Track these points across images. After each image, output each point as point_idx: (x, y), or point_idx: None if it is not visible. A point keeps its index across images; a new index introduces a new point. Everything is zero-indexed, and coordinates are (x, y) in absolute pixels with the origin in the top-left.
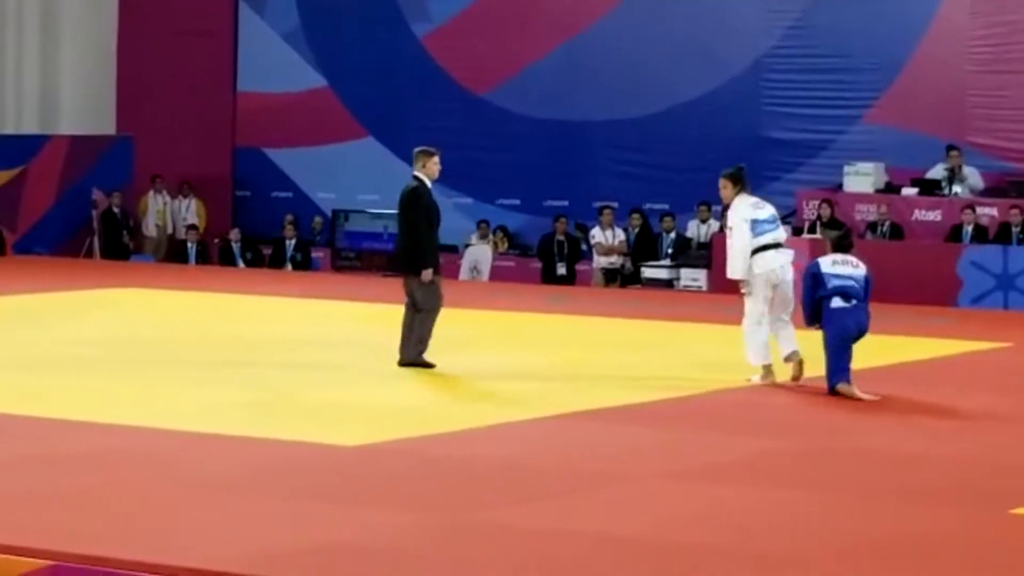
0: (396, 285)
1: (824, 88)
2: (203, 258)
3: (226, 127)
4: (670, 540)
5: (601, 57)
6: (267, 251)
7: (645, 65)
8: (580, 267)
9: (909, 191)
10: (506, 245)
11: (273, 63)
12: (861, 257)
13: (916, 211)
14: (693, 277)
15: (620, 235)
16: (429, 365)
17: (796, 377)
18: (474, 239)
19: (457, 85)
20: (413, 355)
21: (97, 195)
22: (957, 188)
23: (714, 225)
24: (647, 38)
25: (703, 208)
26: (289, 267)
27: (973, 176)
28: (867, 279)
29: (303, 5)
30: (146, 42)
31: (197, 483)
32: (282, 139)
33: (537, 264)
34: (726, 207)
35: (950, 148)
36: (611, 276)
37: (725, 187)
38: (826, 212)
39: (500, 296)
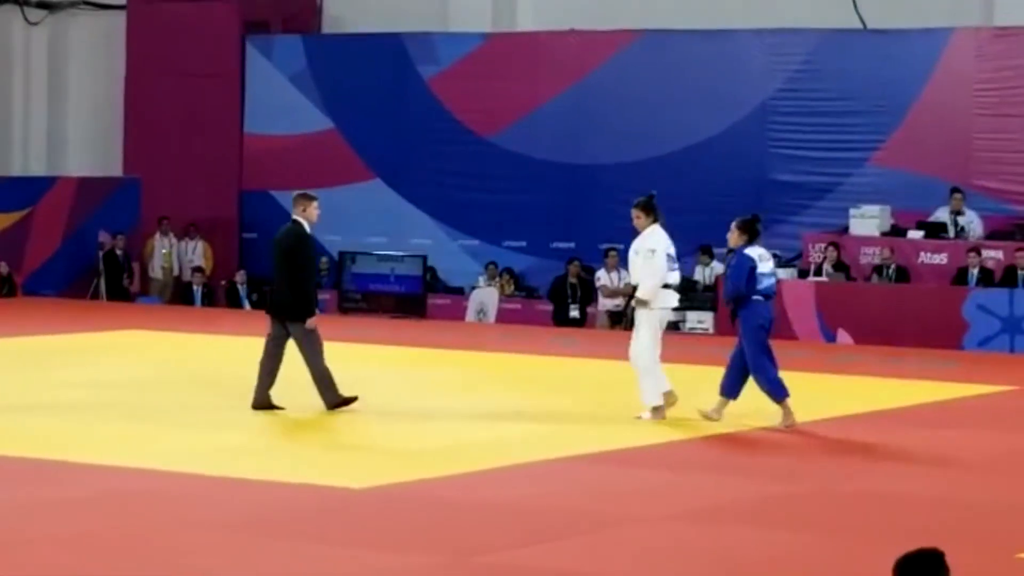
0: (404, 326)
1: (830, 131)
2: (209, 300)
3: (233, 169)
4: None
5: (607, 100)
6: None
7: (651, 108)
8: (591, 310)
9: (915, 234)
10: (512, 287)
11: (280, 105)
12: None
13: (922, 254)
14: (699, 319)
15: (626, 277)
16: (352, 399)
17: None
18: (481, 281)
19: (464, 127)
20: (332, 398)
21: (104, 237)
22: (963, 224)
23: (718, 268)
24: (653, 81)
25: (703, 254)
26: None
27: (972, 224)
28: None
29: (310, 47)
30: (153, 84)
31: (202, 525)
32: (289, 181)
33: (543, 306)
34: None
35: (953, 191)
36: (616, 318)
37: (639, 216)
38: (832, 255)
39: (508, 338)
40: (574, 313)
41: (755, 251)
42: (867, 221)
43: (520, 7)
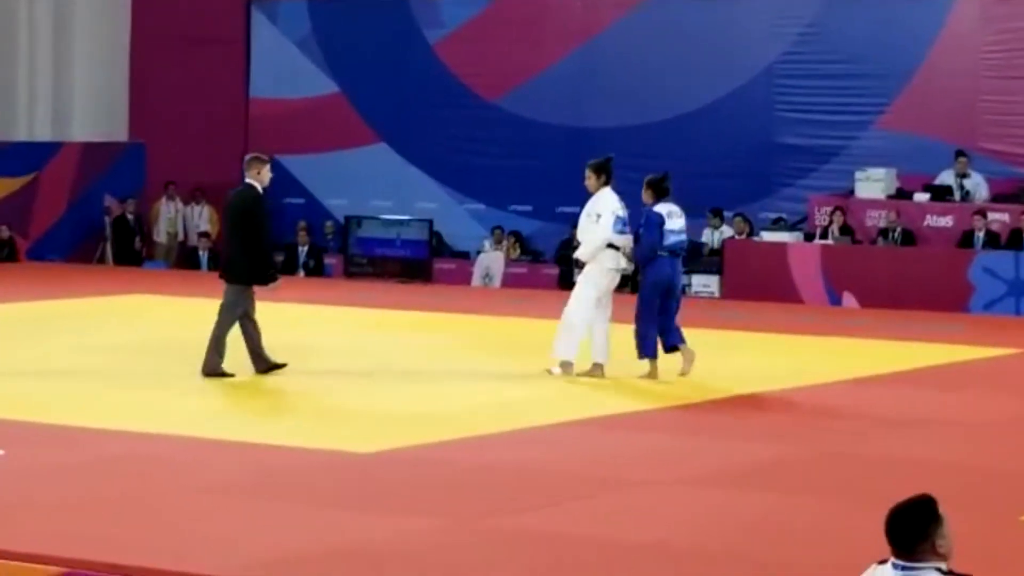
0: (410, 291)
1: (836, 94)
2: (215, 264)
3: (238, 134)
4: (683, 545)
5: (613, 63)
6: (279, 258)
7: (657, 71)
8: None
9: (921, 197)
10: (519, 251)
11: (285, 69)
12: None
13: (928, 217)
14: (705, 283)
15: (631, 241)
16: (229, 374)
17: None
18: (487, 246)
19: (469, 91)
20: (213, 367)
21: (110, 202)
22: (969, 187)
23: (727, 231)
24: (659, 44)
25: (714, 217)
26: (301, 273)
27: (978, 186)
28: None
29: (315, 12)
30: (159, 49)
31: (211, 489)
32: (295, 145)
33: (549, 270)
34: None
35: (958, 154)
36: (622, 282)
37: (590, 177)
38: (838, 218)
39: (514, 302)
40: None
41: (664, 208)
42: (873, 184)
43: None
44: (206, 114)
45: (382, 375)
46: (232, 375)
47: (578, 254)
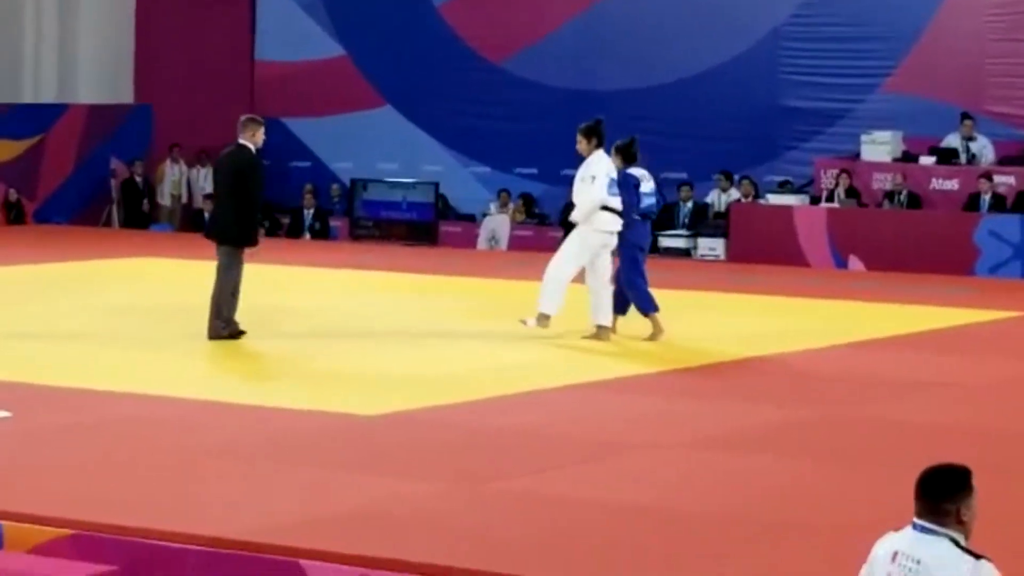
0: (416, 254)
1: (842, 57)
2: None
3: (244, 96)
4: (685, 508)
5: (619, 26)
6: (285, 220)
7: (663, 34)
8: None
9: (927, 160)
10: (524, 214)
11: (291, 32)
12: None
13: (934, 180)
14: (711, 246)
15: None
16: (240, 333)
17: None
18: (493, 208)
19: (475, 54)
20: (217, 331)
21: (116, 164)
22: (975, 149)
23: (734, 194)
24: (665, 7)
25: (722, 177)
26: (307, 236)
27: (984, 149)
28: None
29: None
30: (164, 10)
31: (216, 452)
32: (300, 108)
33: (555, 233)
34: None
35: (964, 116)
36: None
37: (581, 141)
38: (844, 181)
39: (519, 265)
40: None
41: (636, 172)
42: (879, 147)
43: None
44: (212, 76)
45: (386, 338)
46: (243, 332)
47: (573, 216)
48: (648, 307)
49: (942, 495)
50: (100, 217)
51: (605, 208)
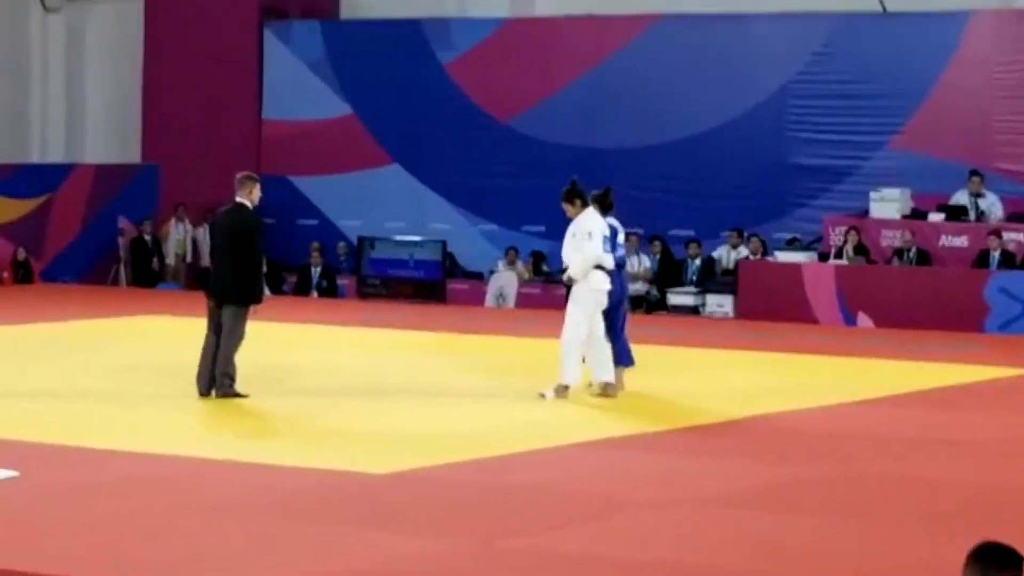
0: (424, 311)
1: (849, 114)
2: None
3: (251, 155)
4: (695, 565)
5: (625, 84)
6: (292, 278)
7: (670, 92)
8: None
9: (935, 217)
10: (531, 273)
11: (298, 91)
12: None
13: (943, 237)
14: (719, 303)
15: (645, 262)
16: (242, 395)
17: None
18: (500, 266)
19: (482, 112)
20: (226, 390)
21: (124, 223)
22: (984, 206)
23: (743, 251)
24: (671, 65)
25: (733, 234)
26: (315, 294)
27: (993, 206)
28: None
29: (328, 33)
30: (171, 71)
31: (221, 510)
32: (307, 167)
33: (562, 290)
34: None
35: (972, 173)
36: (636, 303)
37: (566, 207)
38: (853, 238)
39: (527, 323)
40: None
41: (612, 222)
42: (887, 204)
43: None
44: (219, 135)
45: (394, 396)
46: (245, 395)
47: (570, 272)
48: (622, 361)
49: (1003, 564)
50: (108, 276)
51: (597, 267)
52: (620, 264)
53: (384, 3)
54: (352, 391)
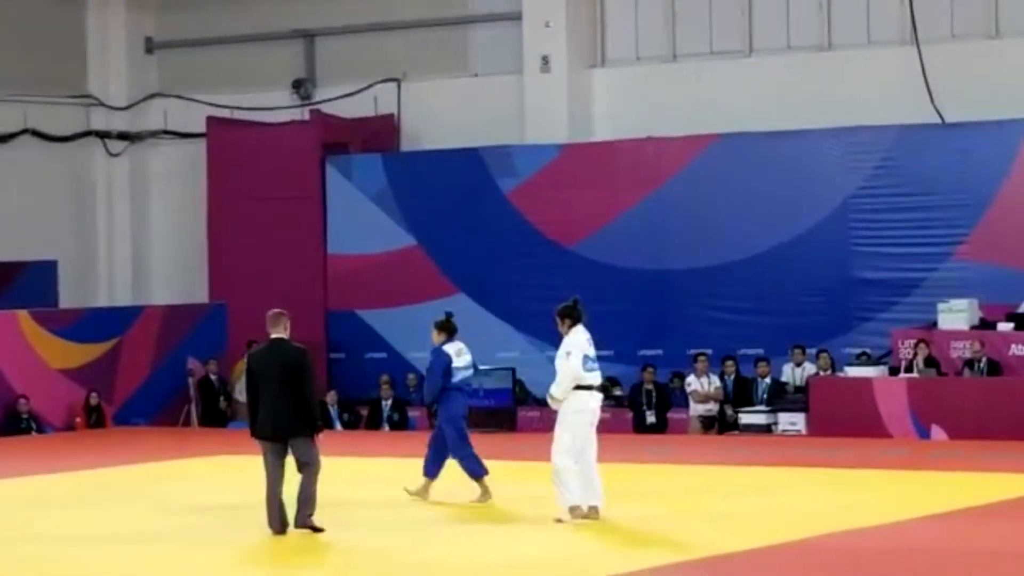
0: (495, 440)
1: (912, 226)
2: None
3: (318, 290)
4: None
5: (688, 205)
6: (364, 412)
7: (732, 211)
8: (671, 415)
9: (1004, 326)
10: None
11: (362, 224)
12: None
13: (1012, 346)
14: (791, 421)
15: (716, 382)
16: (320, 529)
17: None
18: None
19: (545, 238)
20: (307, 519)
21: (192, 363)
22: None
23: (809, 368)
24: (732, 184)
25: (797, 351)
26: (386, 427)
27: None
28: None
29: (390, 166)
30: (235, 208)
31: None
32: (374, 300)
33: (630, 415)
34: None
35: None
36: (708, 423)
37: (558, 324)
38: (923, 351)
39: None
40: (651, 419)
41: (452, 347)
42: (955, 315)
43: (596, 117)
44: (285, 272)
45: (474, 526)
46: (322, 529)
47: (551, 392)
48: (479, 471)
49: None
50: (179, 417)
51: (579, 387)
52: (462, 387)
53: (443, 134)
54: (428, 523)
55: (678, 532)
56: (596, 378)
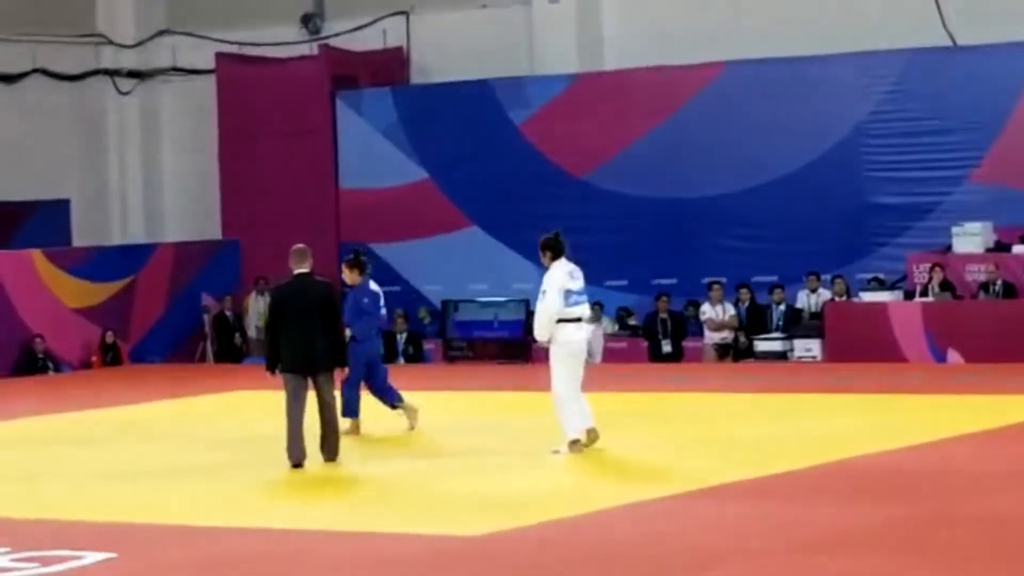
0: (509, 371)
1: (927, 151)
2: None
3: (331, 225)
4: None
5: (699, 134)
6: None
7: (744, 139)
8: (687, 343)
9: (1020, 248)
10: (616, 327)
11: (374, 159)
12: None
13: None
14: (807, 347)
15: (730, 310)
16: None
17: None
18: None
19: (558, 169)
20: (334, 452)
21: (207, 300)
22: None
23: (824, 294)
24: (743, 112)
25: (812, 278)
26: (401, 360)
27: None
28: None
29: (400, 100)
30: (246, 145)
31: None
32: (387, 234)
33: (647, 344)
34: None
35: None
36: (724, 351)
37: (541, 256)
38: (937, 275)
39: (611, 377)
40: (667, 348)
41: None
42: (970, 239)
43: (606, 46)
44: (297, 207)
45: (487, 456)
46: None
47: (535, 334)
48: (350, 412)
49: None
50: (194, 353)
51: (563, 320)
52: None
53: (452, 66)
54: (443, 454)
55: (697, 460)
56: (581, 311)
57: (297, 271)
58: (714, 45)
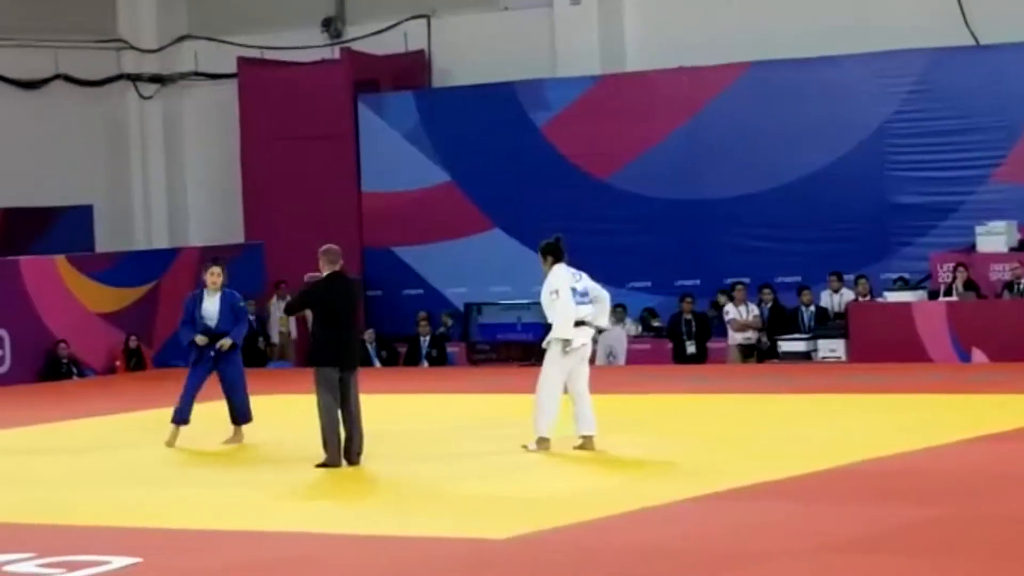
0: (533, 374)
1: (949, 150)
2: None
3: (353, 228)
4: None
5: (721, 135)
6: (402, 349)
7: (766, 140)
8: (711, 344)
9: None
10: (640, 328)
11: (396, 162)
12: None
13: None
14: (831, 348)
15: (754, 310)
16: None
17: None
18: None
19: (580, 171)
20: (358, 454)
21: None
22: None
23: (847, 294)
24: (766, 113)
25: (834, 278)
26: (425, 364)
27: None
28: None
29: (422, 103)
30: (269, 149)
31: None
32: (409, 237)
33: (670, 345)
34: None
35: None
36: (747, 352)
37: (542, 262)
38: (962, 274)
39: (637, 379)
40: (691, 349)
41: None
42: (994, 238)
43: (628, 48)
44: (320, 210)
45: (512, 459)
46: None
47: (557, 335)
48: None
49: None
50: None
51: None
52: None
53: (474, 69)
54: (467, 456)
55: (724, 461)
56: (584, 312)
57: (331, 270)
58: (736, 46)
